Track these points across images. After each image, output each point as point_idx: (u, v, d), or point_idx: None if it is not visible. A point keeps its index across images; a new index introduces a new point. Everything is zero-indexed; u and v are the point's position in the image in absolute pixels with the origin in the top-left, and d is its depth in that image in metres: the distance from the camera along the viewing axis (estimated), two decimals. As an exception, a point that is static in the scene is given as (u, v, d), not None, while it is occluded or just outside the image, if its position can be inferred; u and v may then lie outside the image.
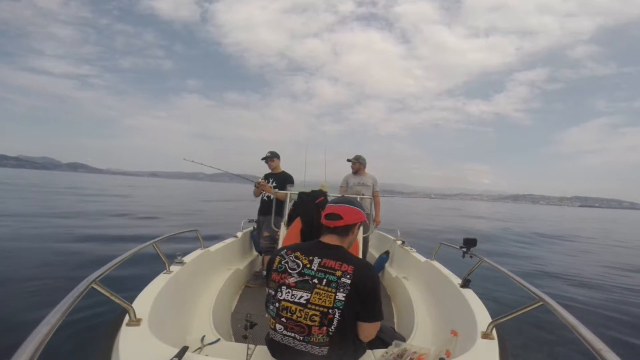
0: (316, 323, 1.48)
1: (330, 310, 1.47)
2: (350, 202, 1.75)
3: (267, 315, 1.61)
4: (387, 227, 6.19)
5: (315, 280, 1.51)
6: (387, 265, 4.86)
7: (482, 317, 2.04)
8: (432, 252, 3.64)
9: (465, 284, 2.61)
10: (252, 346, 1.74)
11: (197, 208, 20.39)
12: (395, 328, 3.17)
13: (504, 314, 1.80)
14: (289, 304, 1.51)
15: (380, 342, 1.89)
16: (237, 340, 2.52)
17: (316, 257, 1.57)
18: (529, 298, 1.71)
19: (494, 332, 1.85)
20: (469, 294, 2.44)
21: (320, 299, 1.48)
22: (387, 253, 5.02)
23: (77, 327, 3.14)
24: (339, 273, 1.52)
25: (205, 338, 2.14)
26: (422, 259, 3.90)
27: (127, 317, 1.68)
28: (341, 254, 1.60)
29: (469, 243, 2.86)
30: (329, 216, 1.67)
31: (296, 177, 4.57)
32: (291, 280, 1.54)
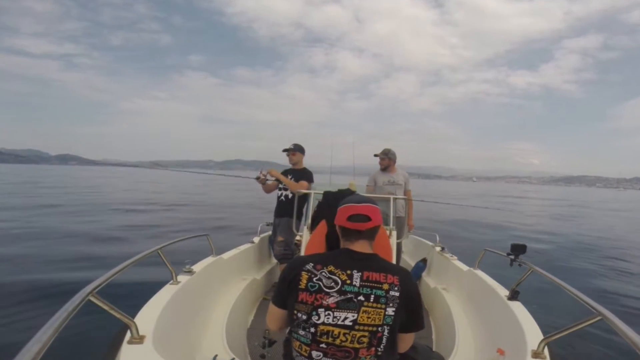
0: (365, 345, 1.43)
1: (379, 328, 1.44)
2: (371, 200, 1.70)
3: (295, 342, 1.53)
4: (425, 231, 6.09)
5: (362, 298, 1.46)
6: (424, 274, 4.81)
7: (533, 333, 2.01)
8: (475, 260, 3.59)
9: (514, 295, 2.57)
10: None
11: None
12: (434, 346, 3.15)
13: (557, 330, 1.76)
14: (331, 328, 1.44)
15: None
16: None
17: (355, 271, 1.51)
18: (585, 312, 1.67)
19: (546, 350, 1.81)
20: (518, 308, 2.40)
21: (370, 317, 1.44)
22: (424, 261, 4.96)
23: (71, 345, 3.17)
24: (386, 286, 1.48)
25: (217, 358, 2.16)
26: (464, 267, 3.86)
27: (128, 334, 1.69)
28: (381, 264, 1.57)
29: (518, 249, 2.81)
30: (356, 218, 1.60)
31: (322, 163, 4.50)
32: (330, 300, 1.46)
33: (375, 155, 5.08)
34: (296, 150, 4.59)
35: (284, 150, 4.63)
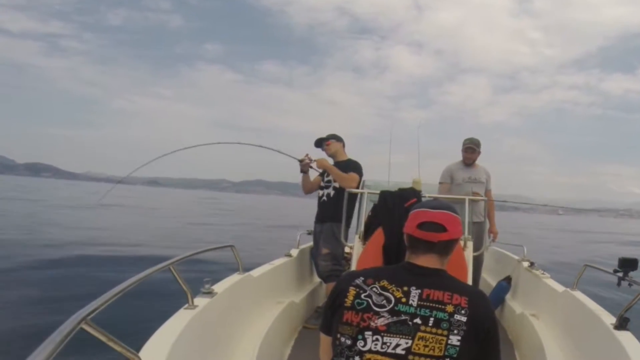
0: None
1: None
2: (451, 207, 1.63)
3: None
4: (508, 242, 5.87)
5: (418, 320, 1.41)
6: (507, 297, 4.77)
7: None
8: (574, 279, 3.51)
9: (622, 324, 2.49)
10: None
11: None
12: None
13: None
14: (379, 357, 1.40)
15: None
16: None
17: (413, 288, 1.47)
18: None
19: None
20: (627, 339, 2.33)
21: (427, 346, 1.38)
22: (507, 280, 4.91)
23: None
24: (450, 308, 1.42)
25: None
26: (560, 288, 3.75)
27: None
28: (449, 281, 1.52)
29: (628, 265, 2.76)
30: (429, 226, 1.55)
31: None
32: (380, 322, 1.43)
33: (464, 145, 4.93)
34: (330, 138, 4.53)
35: (317, 144, 4.60)
